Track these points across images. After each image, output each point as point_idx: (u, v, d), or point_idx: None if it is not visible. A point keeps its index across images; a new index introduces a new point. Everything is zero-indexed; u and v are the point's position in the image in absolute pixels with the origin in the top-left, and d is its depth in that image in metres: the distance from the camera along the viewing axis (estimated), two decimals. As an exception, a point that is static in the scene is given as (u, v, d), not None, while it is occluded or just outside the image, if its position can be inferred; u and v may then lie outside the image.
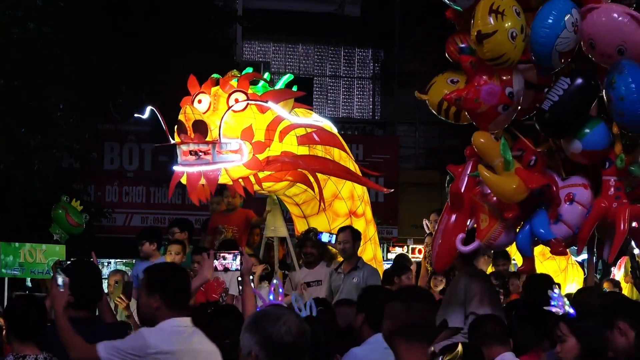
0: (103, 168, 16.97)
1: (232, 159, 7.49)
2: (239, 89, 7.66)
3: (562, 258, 11.06)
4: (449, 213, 5.66)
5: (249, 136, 7.57)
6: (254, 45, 20.15)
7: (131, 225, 16.28)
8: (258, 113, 7.69)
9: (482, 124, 5.56)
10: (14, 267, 9.37)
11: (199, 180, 7.50)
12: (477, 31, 5.15)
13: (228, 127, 7.49)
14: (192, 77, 7.82)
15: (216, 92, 7.67)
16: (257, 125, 7.66)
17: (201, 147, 7.42)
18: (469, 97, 5.33)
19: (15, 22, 11.72)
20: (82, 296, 4.70)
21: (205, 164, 7.47)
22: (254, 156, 7.57)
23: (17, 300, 4.77)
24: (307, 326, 2.93)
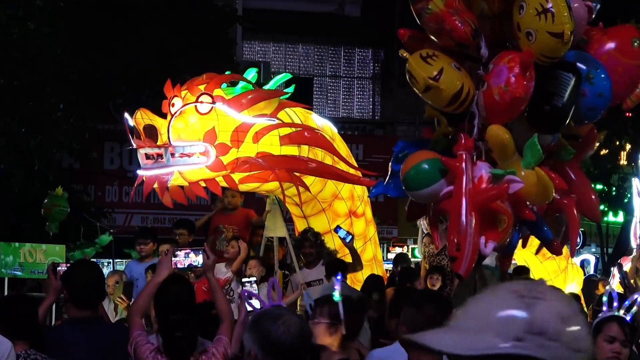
0: (103, 168, 16.98)
1: (194, 161, 7.53)
2: (205, 91, 7.67)
3: (562, 258, 11.07)
4: (470, 214, 5.25)
5: (212, 138, 7.57)
6: (254, 45, 20.15)
7: (131, 225, 16.28)
8: (223, 115, 7.66)
9: (506, 116, 5.29)
10: (14, 267, 9.36)
11: (153, 184, 7.57)
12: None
13: (192, 129, 7.54)
14: (168, 82, 7.87)
15: (185, 96, 7.69)
16: (221, 127, 7.63)
17: (156, 151, 7.50)
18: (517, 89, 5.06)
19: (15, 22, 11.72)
20: (85, 296, 4.70)
21: (160, 167, 7.53)
22: (216, 158, 7.58)
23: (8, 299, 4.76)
24: (308, 327, 2.93)
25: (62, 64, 12.24)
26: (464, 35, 4.99)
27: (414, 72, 4.91)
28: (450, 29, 4.95)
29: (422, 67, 4.91)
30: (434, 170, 4.95)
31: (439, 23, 4.96)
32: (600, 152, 18.80)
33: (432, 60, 4.93)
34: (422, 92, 4.91)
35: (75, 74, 12.53)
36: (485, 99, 5.04)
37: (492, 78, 5.06)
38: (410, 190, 4.95)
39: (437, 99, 4.91)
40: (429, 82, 4.87)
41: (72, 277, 4.72)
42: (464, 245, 4.87)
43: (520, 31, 5.11)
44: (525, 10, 5.07)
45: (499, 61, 5.12)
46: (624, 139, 18.54)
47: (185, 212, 13.00)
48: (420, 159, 5.03)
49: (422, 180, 4.94)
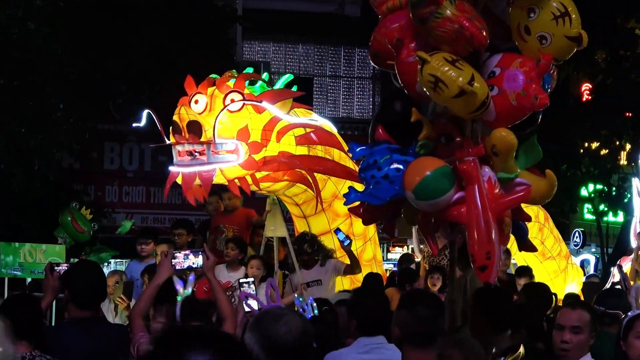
0: (103, 168, 16.98)
1: (228, 159, 7.49)
2: (235, 89, 7.65)
3: (562, 258, 11.08)
4: (494, 221, 4.94)
5: (245, 136, 7.57)
6: (254, 45, 20.15)
7: (131, 225, 16.27)
8: (254, 113, 7.68)
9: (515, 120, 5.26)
10: (14, 267, 9.36)
11: (194, 181, 7.50)
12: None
13: (224, 127, 7.49)
14: (189, 78, 7.81)
15: (213, 93, 7.66)
16: (253, 126, 7.65)
17: (196, 148, 7.43)
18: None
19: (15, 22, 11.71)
20: (86, 296, 4.70)
21: (200, 164, 7.47)
22: (250, 156, 7.57)
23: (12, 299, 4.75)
24: (310, 327, 2.92)
25: (62, 64, 12.23)
26: (484, 41, 4.88)
27: (445, 75, 4.70)
28: (471, 35, 4.82)
29: (454, 70, 4.75)
30: (446, 177, 4.88)
31: (456, 29, 4.82)
32: (600, 152, 18.83)
33: (461, 65, 4.80)
34: (453, 96, 4.73)
35: (75, 74, 12.52)
36: (497, 103, 4.97)
37: (505, 83, 4.97)
38: (423, 200, 4.86)
39: (467, 104, 4.75)
40: (465, 87, 4.67)
41: (73, 278, 4.72)
42: (494, 253, 4.82)
43: (530, 34, 5.05)
44: (539, 14, 5.01)
45: (506, 65, 5.04)
46: (624, 139, 18.55)
47: (185, 212, 13.01)
48: (428, 167, 4.93)
49: (437, 189, 4.86)
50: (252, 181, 7.73)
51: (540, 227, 10.75)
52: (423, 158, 5.04)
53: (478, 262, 4.82)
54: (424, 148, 5.09)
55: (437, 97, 4.82)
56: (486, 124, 5.11)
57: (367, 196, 5.20)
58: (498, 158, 5.05)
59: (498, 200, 4.94)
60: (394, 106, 5.53)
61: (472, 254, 4.82)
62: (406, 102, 5.30)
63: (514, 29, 5.12)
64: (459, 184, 4.93)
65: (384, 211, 5.46)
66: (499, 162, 5.07)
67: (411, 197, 4.86)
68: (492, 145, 5.03)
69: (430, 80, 4.73)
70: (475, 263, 4.82)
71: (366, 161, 5.25)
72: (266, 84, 8.06)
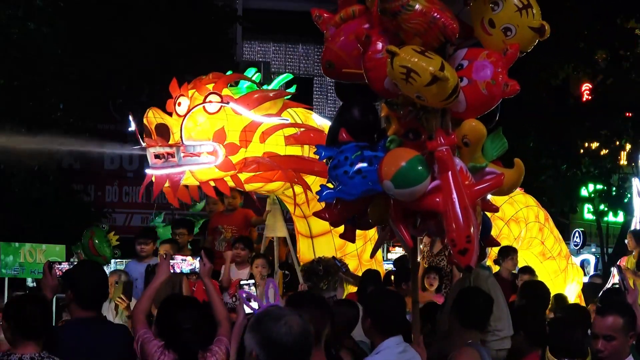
0: (103, 168, 16.98)
1: (204, 160, 7.52)
2: (213, 91, 7.66)
3: (563, 258, 11.08)
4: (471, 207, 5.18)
5: (222, 138, 7.56)
6: (254, 45, 20.16)
7: (131, 225, 16.29)
8: (232, 115, 7.66)
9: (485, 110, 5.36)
10: (14, 267, 9.36)
11: (165, 183, 7.56)
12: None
13: (201, 129, 7.53)
14: (173, 80, 7.86)
15: (192, 95, 7.68)
16: (230, 127, 7.63)
17: (166, 150, 7.47)
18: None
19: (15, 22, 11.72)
20: (90, 297, 4.69)
21: (171, 166, 7.51)
22: (226, 158, 7.57)
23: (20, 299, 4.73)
24: (310, 327, 2.92)
25: (62, 64, 12.24)
26: (455, 32, 4.99)
27: (416, 65, 4.78)
28: (444, 25, 4.92)
29: (424, 60, 4.84)
30: (423, 166, 4.95)
31: (429, 20, 4.92)
32: (600, 152, 18.84)
33: (430, 55, 4.89)
34: (426, 85, 4.81)
35: (75, 74, 12.53)
36: (468, 93, 5.06)
37: (474, 73, 5.08)
38: (401, 188, 4.92)
39: (440, 92, 4.84)
40: (437, 73, 4.74)
41: (76, 278, 4.71)
42: (474, 237, 4.85)
43: (495, 27, 5.16)
44: (503, 7, 5.15)
45: (473, 57, 5.14)
46: (624, 139, 18.56)
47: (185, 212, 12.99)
48: (404, 157, 5.00)
49: (415, 177, 4.92)
50: (234, 183, 7.74)
51: (540, 227, 10.76)
52: (397, 149, 5.11)
53: (458, 246, 4.84)
54: (393, 143, 5.16)
55: (409, 88, 4.88)
56: (456, 115, 5.19)
57: (340, 192, 5.27)
58: (469, 148, 5.14)
59: (472, 188, 5.00)
60: (352, 109, 5.59)
61: (452, 239, 4.85)
62: (364, 104, 5.48)
63: (477, 24, 5.23)
64: (432, 173, 4.98)
65: (351, 211, 5.52)
66: (469, 153, 5.16)
67: (389, 187, 4.89)
68: (463, 135, 5.11)
69: (401, 71, 4.80)
70: (455, 247, 4.84)
71: (337, 159, 5.31)
72: (256, 85, 8.03)
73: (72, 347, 4.51)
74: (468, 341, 5.00)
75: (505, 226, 10.19)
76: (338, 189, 5.26)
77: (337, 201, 5.52)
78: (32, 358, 4.27)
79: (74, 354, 4.48)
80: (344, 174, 5.18)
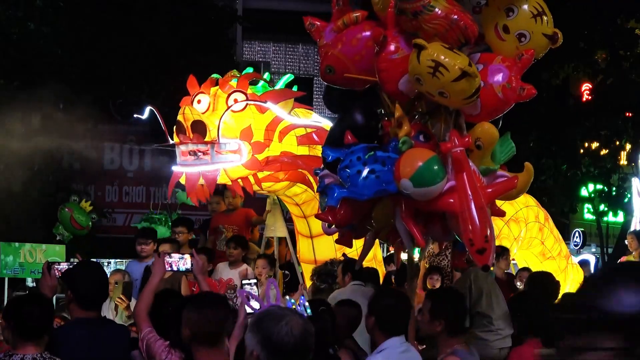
0: (103, 168, 16.98)
1: (231, 159, 7.49)
2: (238, 89, 7.65)
3: (563, 258, 11.08)
4: (487, 207, 5.08)
5: (248, 136, 7.57)
6: (254, 45, 20.16)
7: (131, 225, 16.27)
8: (257, 113, 7.69)
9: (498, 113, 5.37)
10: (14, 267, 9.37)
11: (198, 181, 7.50)
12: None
13: (227, 127, 7.49)
14: (191, 77, 7.81)
15: (215, 92, 7.66)
16: (256, 126, 7.66)
17: (200, 148, 7.41)
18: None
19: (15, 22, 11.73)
20: (91, 297, 4.69)
21: (204, 164, 7.45)
22: (253, 156, 7.57)
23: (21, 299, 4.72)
24: (312, 327, 2.91)
25: (62, 64, 12.24)
26: (476, 33, 5.00)
27: (445, 60, 4.78)
28: (465, 27, 4.92)
29: (453, 56, 4.83)
30: (440, 166, 4.94)
31: (450, 21, 4.91)
32: (600, 152, 18.83)
33: (457, 52, 4.90)
34: (453, 80, 4.79)
35: (75, 74, 12.54)
36: (483, 97, 5.05)
37: (490, 76, 5.08)
38: (420, 186, 4.91)
39: (466, 89, 4.83)
40: (467, 68, 4.75)
41: (77, 278, 4.71)
42: (492, 237, 4.87)
43: (509, 33, 5.17)
44: (518, 13, 5.18)
45: (488, 61, 5.15)
46: (624, 139, 18.55)
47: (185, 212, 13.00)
48: (422, 156, 5.00)
49: (434, 176, 4.92)
50: (254, 181, 7.74)
51: (540, 227, 10.75)
52: (414, 149, 5.10)
53: (477, 245, 4.85)
54: (405, 144, 5.14)
55: (434, 83, 4.86)
56: (470, 119, 5.19)
57: (352, 192, 5.25)
58: (480, 151, 5.15)
59: (486, 189, 5.01)
60: (355, 114, 5.61)
61: (471, 239, 4.83)
62: (367, 109, 5.52)
63: (489, 30, 5.24)
64: (447, 175, 4.98)
65: (358, 213, 5.51)
66: (481, 156, 5.15)
67: (407, 186, 4.88)
68: (477, 138, 5.12)
69: (429, 65, 4.78)
70: (473, 247, 4.83)
71: (348, 159, 5.27)
72: (268, 84, 8.06)
73: (72, 347, 4.50)
74: (449, 350, 4.94)
75: (505, 226, 10.18)
76: (350, 189, 5.24)
77: (341, 204, 5.51)
78: (34, 358, 4.26)
79: (74, 354, 4.47)
80: (356, 174, 5.16)
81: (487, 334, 6.36)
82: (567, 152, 18.53)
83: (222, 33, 15.81)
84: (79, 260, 5.30)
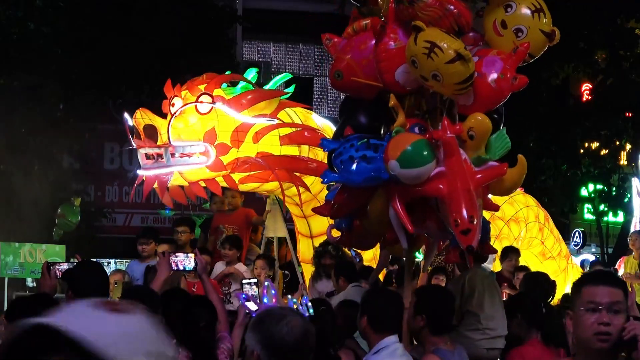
0: (103, 168, 16.98)
1: (194, 161, 7.54)
2: (205, 91, 7.68)
3: (562, 258, 11.09)
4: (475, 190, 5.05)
5: (212, 138, 7.58)
6: (254, 45, 20.16)
7: (131, 225, 16.28)
8: (223, 115, 7.67)
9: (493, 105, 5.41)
10: (14, 267, 9.38)
11: (154, 184, 7.58)
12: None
13: (192, 130, 7.55)
14: (168, 81, 7.88)
15: (185, 96, 7.70)
16: (221, 127, 7.64)
17: (156, 151, 7.51)
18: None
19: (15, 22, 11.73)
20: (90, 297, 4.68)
21: (160, 167, 7.54)
22: (216, 158, 7.58)
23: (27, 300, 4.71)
24: (312, 328, 2.91)
25: (62, 64, 12.24)
26: (469, 22, 5.07)
27: (441, 41, 4.84)
28: (459, 14, 4.99)
29: (449, 39, 4.89)
30: (429, 149, 4.99)
31: (444, 8, 4.98)
32: (600, 152, 18.84)
33: (453, 37, 4.96)
34: (447, 61, 4.84)
35: (75, 74, 12.54)
36: (477, 87, 5.11)
37: (485, 67, 5.14)
38: (407, 168, 4.95)
39: (459, 72, 4.88)
40: (462, 51, 4.81)
41: (77, 278, 4.71)
42: (478, 218, 4.86)
43: (507, 28, 5.24)
44: (516, 9, 5.26)
45: (483, 54, 5.20)
46: (624, 139, 18.55)
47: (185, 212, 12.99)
48: (410, 139, 5.05)
49: (420, 158, 4.96)
50: (227, 183, 7.76)
51: (540, 227, 10.77)
52: (404, 134, 5.15)
53: (461, 226, 4.83)
54: (399, 133, 5.18)
55: (428, 64, 4.90)
56: (463, 109, 5.22)
57: (343, 177, 5.31)
58: (473, 142, 5.16)
59: (474, 175, 5.03)
60: (360, 114, 5.64)
61: (456, 219, 4.84)
62: (372, 110, 5.52)
63: (488, 27, 5.30)
64: (437, 161, 5.01)
65: (351, 204, 5.55)
66: (474, 146, 5.18)
67: (394, 167, 4.92)
68: (469, 127, 5.14)
69: (425, 46, 4.85)
70: (458, 227, 4.83)
71: (342, 146, 5.32)
72: (252, 85, 8.03)
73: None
74: (432, 348, 4.93)
75: (505, 226, 10.20)
76: (341, 174, 5.29)
77: (336, 198, 5.56)
78: None
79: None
80: (348, 160, 5.21)
81: (473, 333, 6.35)
82: (567, 152, 18.53)
83: (222, 33, 15.80)
84: (80, 260, 5.30)
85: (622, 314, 2.89)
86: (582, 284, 3.00)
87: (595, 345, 2.85)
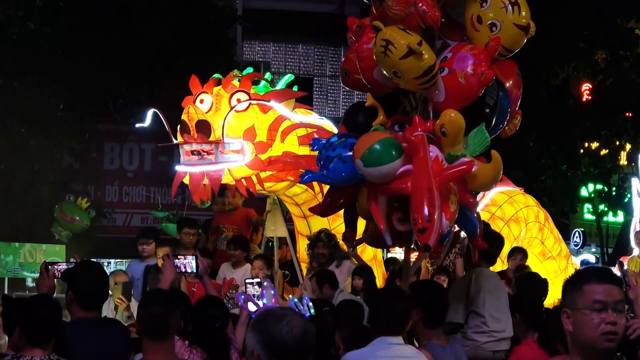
0: (103, 168, 16.97)
1: (234, 159, 7.48)
2: (241, 88, 7.65)
3: (563, 258, 11.08)
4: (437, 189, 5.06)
5: (252, 136, 7.57)
6: (254, 45, 20.15)
7: (131, 225, 16.28)
8: (260, 113, 7.68)
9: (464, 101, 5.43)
10: (14, 267, 9.38)
11: (202, 181, 7.48)
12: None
13: (230, 127, 7.48)
14: (194, 77, 7.80)
15: (218, 92, 7.66)
16: (260, 125, 7.65)
17: (204, 147, 7.40)
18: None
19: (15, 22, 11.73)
20: (92, 297, 4.68)
21: (208, 163, 7.44)
22: (256, 156, 7.56)
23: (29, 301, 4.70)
24: (312, 328, 2.90)
25: (62, 64, 12.24)
26: (435, 19, 5.11)
27: (394, 38, 4.92)
28: (424, 11, 5.04)
29: (403, 35, 4.95)
30: (394, 147, 5.02)
31: (409, 6, 5.03)
32: (600, 152, 18.83)
33: (410, 32, 5.00)
34: (401, 57, 4.91)
35: (75, 73, 12.54)
36: (447, 83, 5.14)
37: (455, 63, 5.19)
38: (370, 166, 4.98)
39: (414, 66, 4.96)
40: (413, 46, 4.88)
41: (77, 279, 4.70)
42: (434, 217, 4.89)
43: (482, 23, 5.29)
44: (490, 3, 5.30)
45: (457, 50, 5.25)
46: (624, 139, 18.55)
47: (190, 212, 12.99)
48: (376, 137, 5.09)
49: (383, 157, 5.00)
50: (256, 180, 7.73)
51: (540, 227, 10.76)
52: (372, 132, 5.19)
53: (418, 225, 4.90)
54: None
55: (387, 62, 4.98)
56: (437, 106, 5.26)
57: (321, 176, 5.36)
58: (447, 139, 5.20)
59: (442, 173, 5.06)
60: (358, 115, 5.71)
61: (415, 217, 4.89)
62: (369, 112, 5.58)
63: (468, 22, 5.34)
64: (406, 158, 5.04)
65: (338, 200, 5.63)
66: (447, 143, 5.21)
67: (359, 166, 4.98)
68: (442, 124, 5.18)
69: (381, 44, 4.93)
70: (416, 225, 4.89)
71: (322, 145, 5.37)
72: (269, 84, 8.07)
73: (72, 347, 4.50)
74: (425, 342, 4.93)
75: (505, 226, 10.19)
76: (321, 172, 5.35)
77: (326, 195, 5.73)
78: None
79: (74, 354, 4.46)
80: (326, 159, 5.29)
81: (479, 335, 6.35)
82: (567, 152, 18.52)
83: (222, 33, 15.81)
84: (79, 261, 5.29)
85: (624, 313, 2.85)
86: (583, 282, 2.91)
87: (602, 345, 2.74)
